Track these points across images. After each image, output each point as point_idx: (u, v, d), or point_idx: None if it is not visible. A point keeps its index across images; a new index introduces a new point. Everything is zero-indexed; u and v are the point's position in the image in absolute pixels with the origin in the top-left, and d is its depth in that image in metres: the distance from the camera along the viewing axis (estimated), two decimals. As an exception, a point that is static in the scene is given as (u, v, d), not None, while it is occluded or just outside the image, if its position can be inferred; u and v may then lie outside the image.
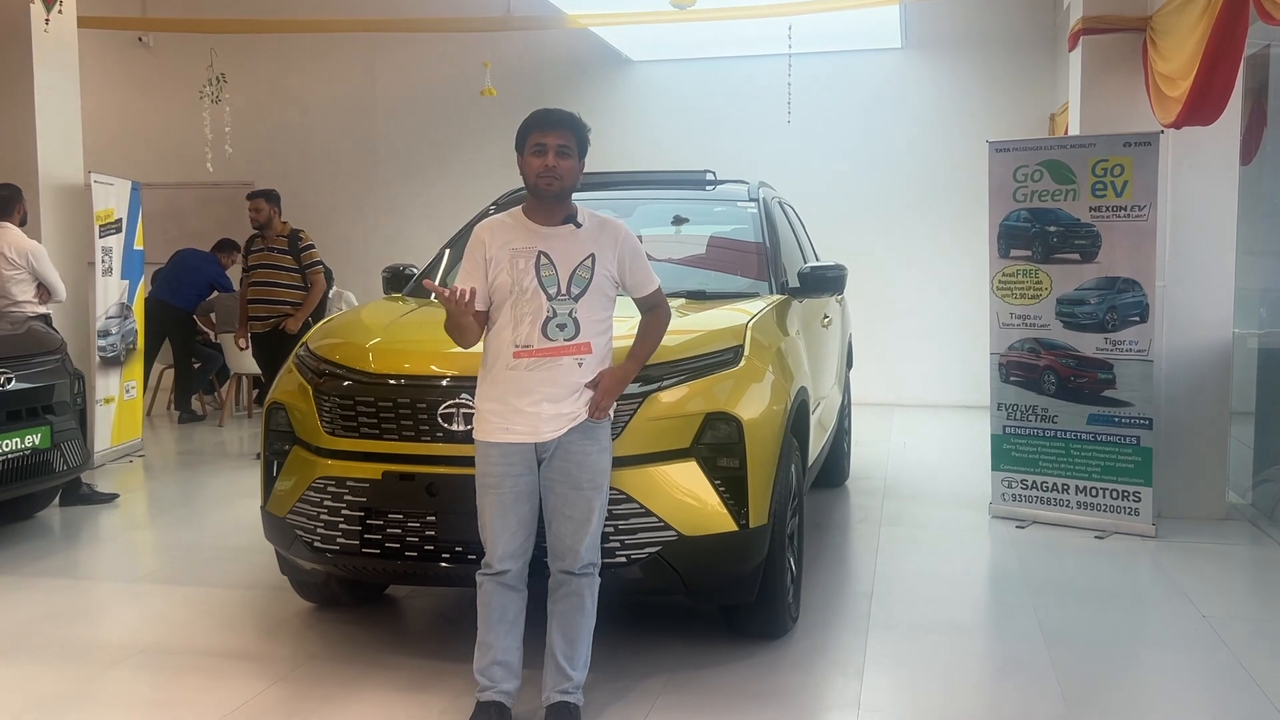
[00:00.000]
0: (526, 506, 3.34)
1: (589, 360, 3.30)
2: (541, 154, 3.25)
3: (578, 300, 3.27)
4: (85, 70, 11.64)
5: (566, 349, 3.26)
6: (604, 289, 3.33)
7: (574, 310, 3.27)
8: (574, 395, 3.29)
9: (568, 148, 3.27)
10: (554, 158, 3.25)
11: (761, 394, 3.90)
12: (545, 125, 3.29)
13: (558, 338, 3.25)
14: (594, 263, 3.30)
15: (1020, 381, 5.99)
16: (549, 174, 3.26)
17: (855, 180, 10.47)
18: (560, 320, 3.26)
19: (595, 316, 3.31)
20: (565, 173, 3.27)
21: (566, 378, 3.27)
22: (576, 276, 3.29)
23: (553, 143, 3.25)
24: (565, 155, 3.27)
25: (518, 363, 3.25)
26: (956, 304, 10.26)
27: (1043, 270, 5.87)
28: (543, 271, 3.27)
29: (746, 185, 5.62)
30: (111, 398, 7.84)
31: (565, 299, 3.27)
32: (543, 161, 3.24)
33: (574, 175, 3.32)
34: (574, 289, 3.28)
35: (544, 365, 3.25)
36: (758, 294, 4.75)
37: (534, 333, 3.25)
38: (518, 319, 3.26)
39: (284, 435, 4.05)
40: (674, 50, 10.67)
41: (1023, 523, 5.94)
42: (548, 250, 3.29)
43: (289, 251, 7.57)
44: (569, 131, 3.29)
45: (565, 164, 3.27)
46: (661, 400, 3.66)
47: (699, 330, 4.01)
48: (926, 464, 7.73)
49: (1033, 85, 10.16)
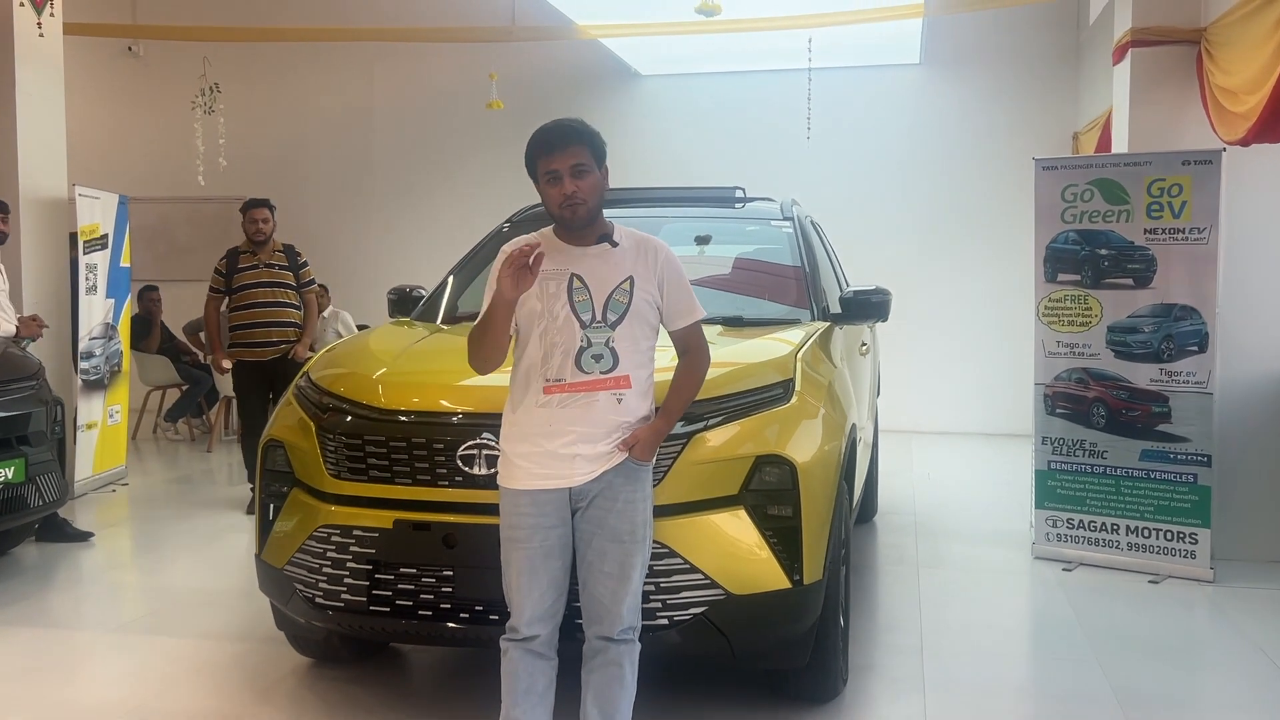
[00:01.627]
0: (559, 563, 2.94)
1: (629, 395, 2.91)
2: (556, 181, 2.86)
3: (615, 328, 2.89)
4: (74, 80, 11.28)
5: (603, 383, 2.87)
6: (645, 315, 2.94)
7: (611, 339, 2.88)
8: (612, 435, 2.90)
9: (583, 165, 2.87)
10: (571, 182, 2.86)
11: (815, 433, 3.51)
12: (551, 147, 2.88)
13: (593, 370, 2.87)
14: (632, 286, 2.92)
15: (1067, 414, 5.62)
16: (571, 202, 2.87)
17: (875, 199, 10.12)
18: (596, 350, 2.87)
19: (636, 346, 2.92)
20: (588, 193, 2.88)
21: (604, 416, 2.88)
22: (613, 301, 2.90)
23: (565, 166, 2.86)
24: (583, 174, 2.87)
25: (548, 399, 2.87)
26: (979, 327, 9.92)
27: (1093, 296, 5.50)
28: (575, 296, 2.88)
29: (778, 203, 5.26)
30: (94, 423, 7.41)
31: (601, 326, 2.88)
32: (560, 190, 2.86)
33: (598, 191, 2.92)
34: (610, 315, 2.89)
35: (578, 401, 2.86)
36: (798, 321, 4.36)
37: (566, 365, 2.86)
38: (548, 350, 2.88)
39: (282, 476, 3.64)
40: (684, 64, 10.33)
41: (1069, 565, 5.55)
42: (581, 272, 2.91)
43: (288, 268, 6.92)
44: (579, 146, 2.89)
45: (586, 184, 2.88)
46: (707, 442, 3.27)
47: (743, 362, 3.62)
48: (955, 497, 7.35)
49: (1055, 103, 9.85)
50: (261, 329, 6.79)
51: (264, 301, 6.80)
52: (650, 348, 2.99)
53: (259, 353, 6.76)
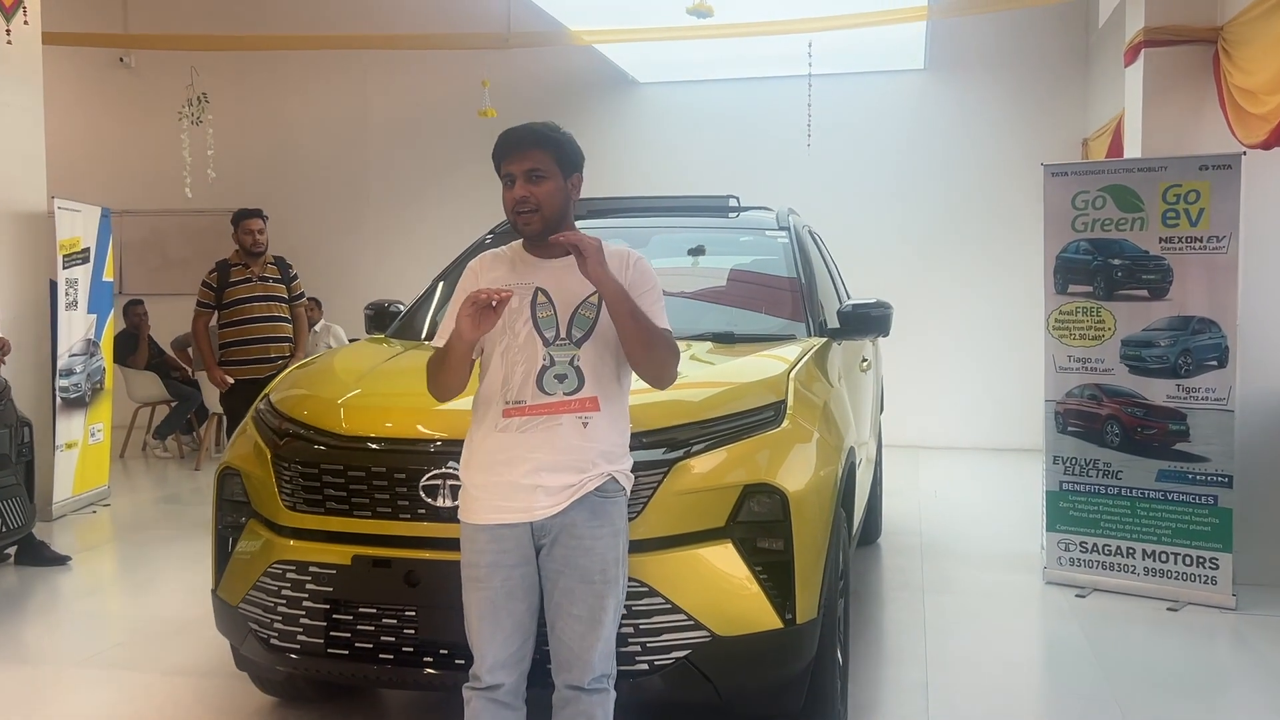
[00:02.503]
0: (523, 605, 2.69)
1: (596, 420, 2.65)
2: (510, 186, 2.68)
3: (580, 345, 2.66)
4: (65, 92, 11.17)
5: (567, 404, 2.63)
6: (611, 331, 2.69)
7: (576, 358, 2.65)
8: (578, 463, 2.65)
9: (540, 170, 2.66)
10: (524, 186, 2.65)
11: (808, 460, 3.26)
12: (508, 150, 2.69)
13: (556, 391, 2.63)
14: (600, 300, 2.67)
15: (1079, 432, 5.35)
16: (520, 209, 2.66)
17: (878, 208, 9.87)
18: (559, 370, 2.64)
19: (604, 365, 2.68)
20: (543, 199, 2.66)
21: (567, 441, 2.63)
22: (579, 316, 2.67)
23: (519, 169, 2.66)
24: (539, 179, 2.66)
25: (508, 422, 2.64)
26: (986, 339, 9.66)
27: (1105, 308, 5.25)
28: (539, 312, 2.67)
29: (774, 212, 5.01)
30: (74, 442, 7.19)
31: (565, 344, 2.66)
32: (511, 196, 2.67)
33: (558, 200, 2.69)
34: (576, 331, 2.66)
35: (539, 425, 2.62)
36: (793, 336, 4.11)
37: (527, 385, 2.64)
38: (509, 370, 2.66)
39: (239, 506, 3.41)
40: (682, 71, 10.10)
41: (1082, 591, 5.29)
42: (545, 286, 2.69)
43: (282, 280, 6.63)
44: (538, 149, 2.68)
45: (541, 190, 2.66)
46: (691, 469, 3.02)
47: (732, 383, 3.38)
48: (963, 516, 7.08)
49: (1063, 109, 9.59)
50: (258, 345, 6.51)
51: (259, 316, 6.53)
52: (620, 370, 2.74)
53: (254, 370, 6.43)
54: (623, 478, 2.73)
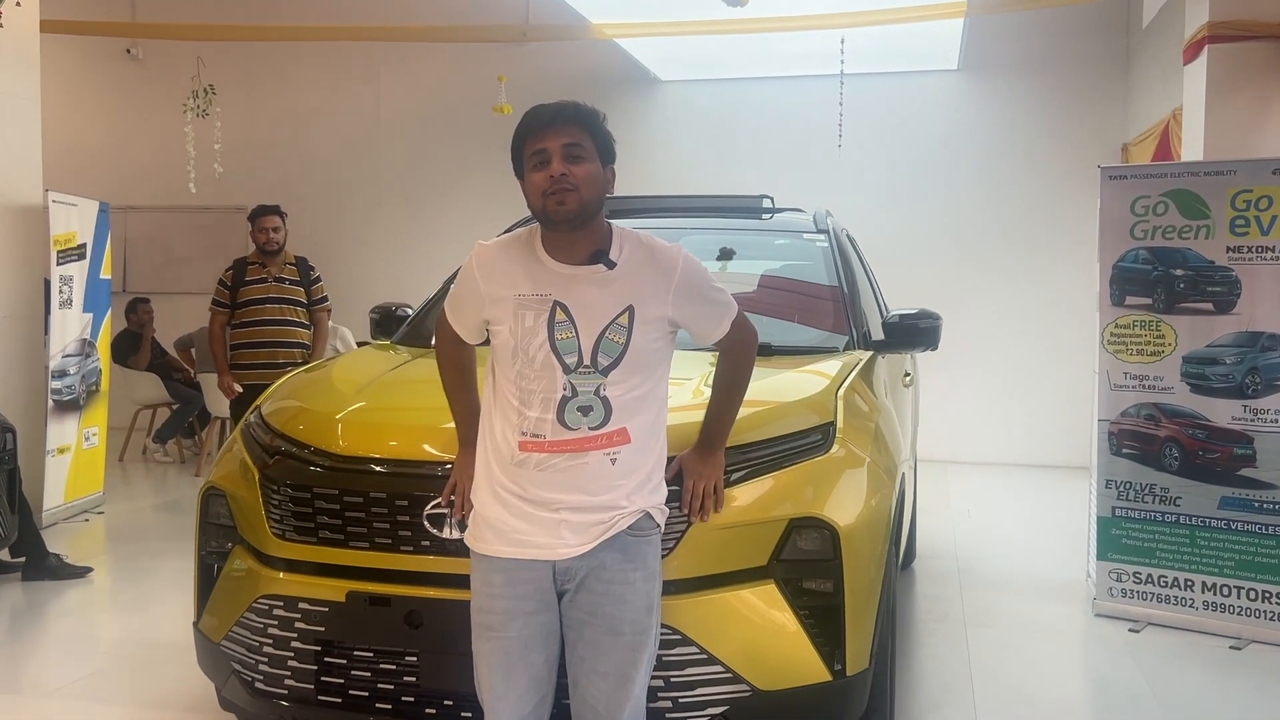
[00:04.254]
0: (540, 656, 2.35)
1: (626, 452, 2.31)
2: (543, 164, 2.26)
3: (607, 373, 2.29)
4: (72, 84, 10.89)
5: (593, 440, 2.28)
6: (648, 356, 2.33)
7: (602, 387, 2.28)
8: (607, 499, 2.30)
9: (579, 146, 2.27)
10: (561, 163, 2.24)
11: (860, 489, 2.90)
12: (540, 124, 2.28)
13: (580, 426, 2.28)
14: (632, 319, 2.30)
15: (1135, 455, 4.98)
16: (559, 187, 2.23)
17: (909, 212, 9.50)
18: (583, 401, 2.28)
19: (634, 391, 2.32)
20: (582, 180, 2.25)
21: (594, 480, 2.29)
22: (606, 341, 2.29)
23: (555, 144, 2.25)
24: (578, 158, 2.26)
25: (524, 458, 2.30)
26: (1022, 350, 9.28)
27: (1166, 322, 4.88)
28: (557, 333, 2.28)
29: (812, 213, 4.66)
30: (67, 447, 6.87)
31: (589, 373, 2.28)
32: (546, 173, 2.25)
33: (597, 185, 2.29)
34: (602, 359, 2.29)
35: (560, 463, 2.28)
36: (836, 349, 3.77)
37: (546, 418, 2.28)
38: (524, 397, 2.30)
39: (224, 531, 3.07)
40: (705, 69, 9.76)
41: (1136, 625, 4.91)
42: (566, 301, 2.30)
43: (301, 283, 6.29)
44: (577, 126, 2.28)
45: (581, 170, 2.25)
46: (730, 501, 2.67)
47: (773, 402, 3.02)
48: (1001, 539, 6.70)
49: (1102, 112, 9.22)
50: (266, 349, 6.17)
51: (270, 319, 6.18)
52: (654, 389, 2.37)
53: (261, 375, 6.05)
54: (657, 512, 2.39)
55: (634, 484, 2.32)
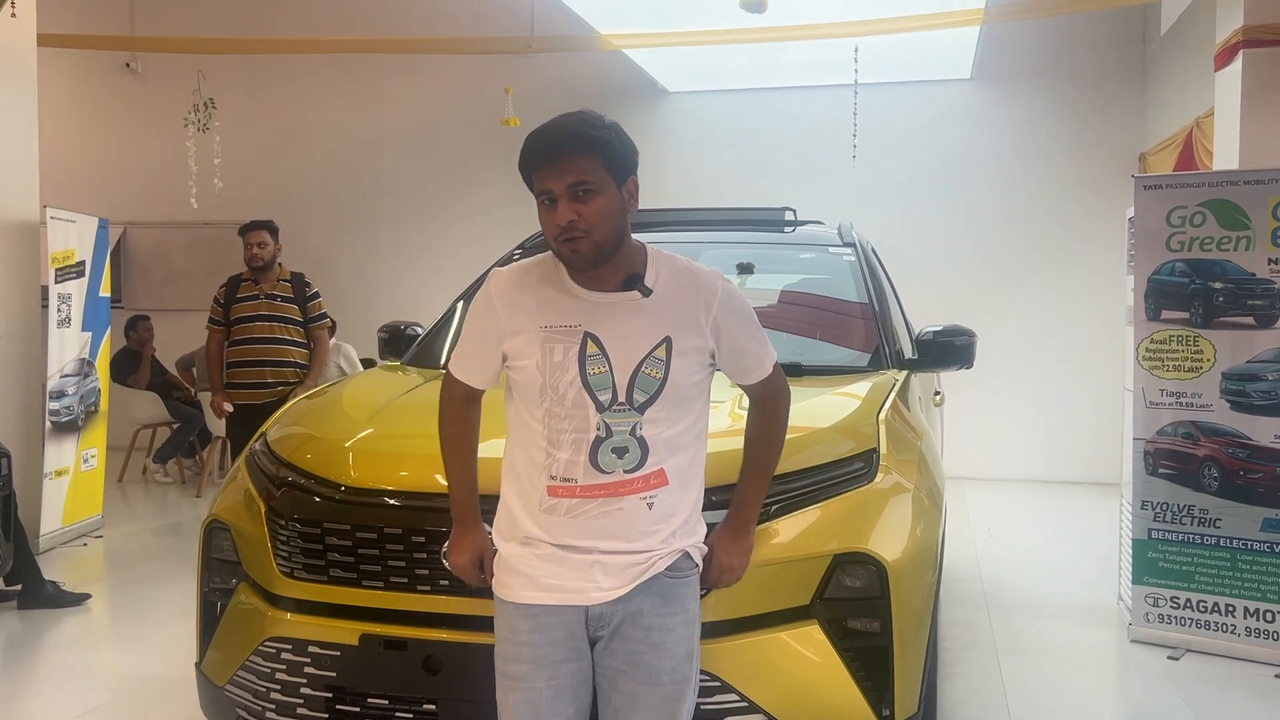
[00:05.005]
0: (572, 708, 2.16)
1: (663, 495, 2.12)
2: (551, 207, 2.06)
3: (644, 410, 2.09)
4: (70, 99, 10.75)
5: (628, 485, 2.09)
6: (687, 389, 2.13)
7: (639, 426, 2.09)
8: (645, 541, 2.12)
9: (587, 183, 2.04)
10: (568, 207, 2.03)
11: (906, 520, 2.73)
12: (540, 158, 2.07)
13: (615, 469, 2.09)
14: (670, 350, 2.11)
15: (1172, 475, 4.80)
16: (569, 236, 2.04)
17: (923, 225, 9.32)
18: (618, 442, 2.08)
19: (672, 429, 2.13)
20: (595, 221, 2.04)
21: (629, 527, 2.10)
22: (643, 376, 2.09)
23: (560, 185, 2.04)
24: (587, 194, 2.04)
25: (554, 503, 2.10)
26: (1042, 363, 9.10)
27: (1204, 337, 4.70)
28: (590, 367, 2.08)
29: (837, 226, 4.50)
30: (65, 469, 6.69)
31: (624, 410, 2.08)
32: (554, 220, 2.05)
33: (614, 218, 2.07)
34: (638, 395, 2.09)
35: (593, 509, 2.09)
36: (867, 368, 3.60)
37: (578, 461, 2.09)
38: (554, 436, 2.10)
39: (228, 567, 2.90)
40: (715, 79, 9.60)
41: (1175, 652, 4.72)
42: (597, 332, 2.10)
43: (294, 300, 6.08)
44: (581, 156, 2.05)
45: (591, 209, 2.04)
46: (770, 536, 2.50)
47: (811, 427, 2.85)
48: (1026, 559, 6.51)
49: (1119, 121, 9.06)
50: (254, 368, 5.98)
51: (260, 337, 5.98)
52: (694, 424, 2.18)
53: (250, 395, 5.92)
54: (696, 552, 2.21)
55: (672, 528, 2.14)
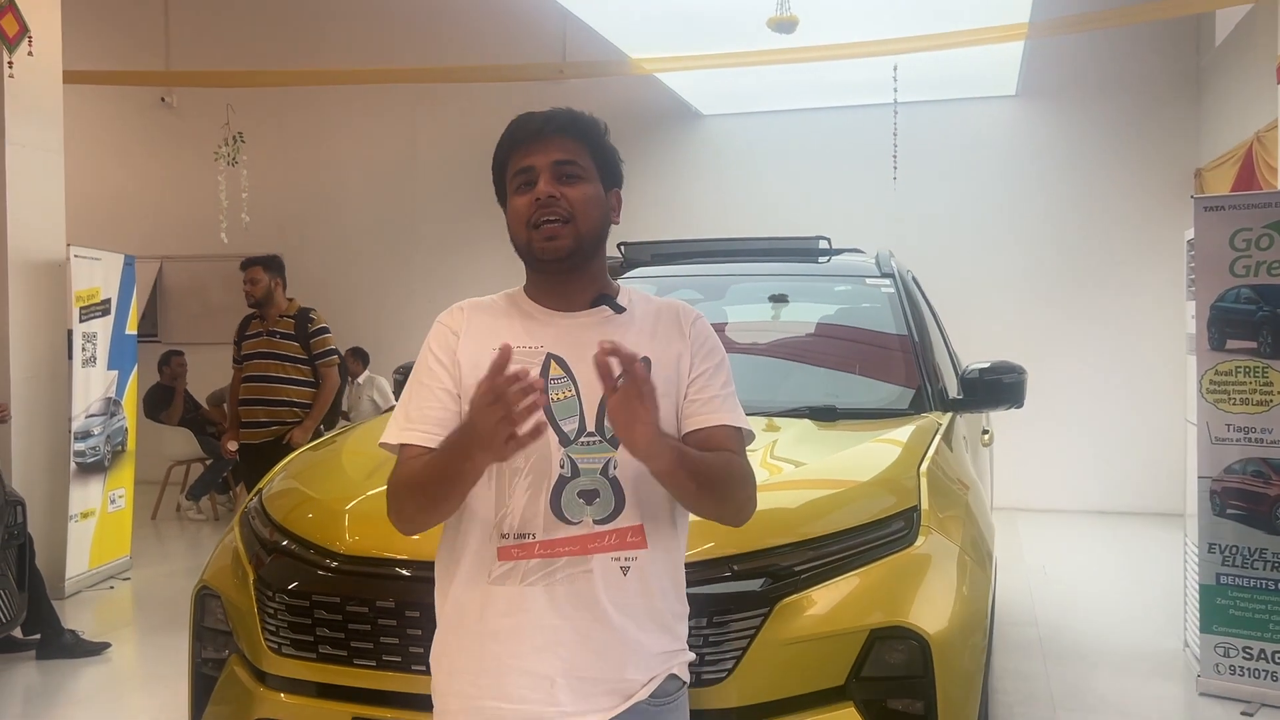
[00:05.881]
0: None
1: (644, 561, 1.74)
2: (529, 185, 1.77)
3: (617, 444, 1.69)
4: (105, 134, 10.78)
5: (599, 539, 1.71)
6: (665, 421, 1.72)
7: (611, 464, 1.72)
8: (623, 653, 1.72)
9: (574, 164, 1.78)
10: (550, 183, 1.75)
11: (951, 586, 2.47)
12: (525, 135, 1.79)
13: (581, 517, 1.71)
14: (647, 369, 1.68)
15: (1242, 516, 4.47)
16: (548, 215, 1.74)
17: (968, 249, 9.02)
18: (585, 483, 1.71)
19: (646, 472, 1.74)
20: (578, 205, 1.76)
21: (603, 600, 1.70)
22: None
23: (543, 161, 1.76)
24: (572, 178, 1.77)
25: (506, 569, 1.71)
26: (1094, 389, 8.75)
27: (1274, 368, 4.38)
28: (553, 392, 1.73)
29: (875, 255, 4.25)
30: (91, 511, 6.58)
31: (594, 443, 1.72)
32: (531, 196, 1.76)
33: (597, 213, 1.79)
34: (609, 424, 1.67)
35: (557, 575, 1.70)
36: (909, 410, 3.34)
37: (536, 509, 1.71)
38: (504, 482, 1.72)
39: (219, 638, 2.70)
40: (749, 101, 9.38)
41: (1249, 707, 4.38)
42: (562, 354, 1.76)
43: (295, 337, 5.89)
44: (572, 138, 1.79)
45: (576, 192, 1.76)
46: (800, 609, 2.25)
47: (845, 481, 2.61)
48: (1083, 600, 6.17)
49: (1172, 136, 8.72)
50: (252, 406, 5.84)
51: (259, 375, 5.85)
52: None
53: (249, 434, 5.82)
54: (684, 669, 1.83)
55: (650, 612, 1.75)
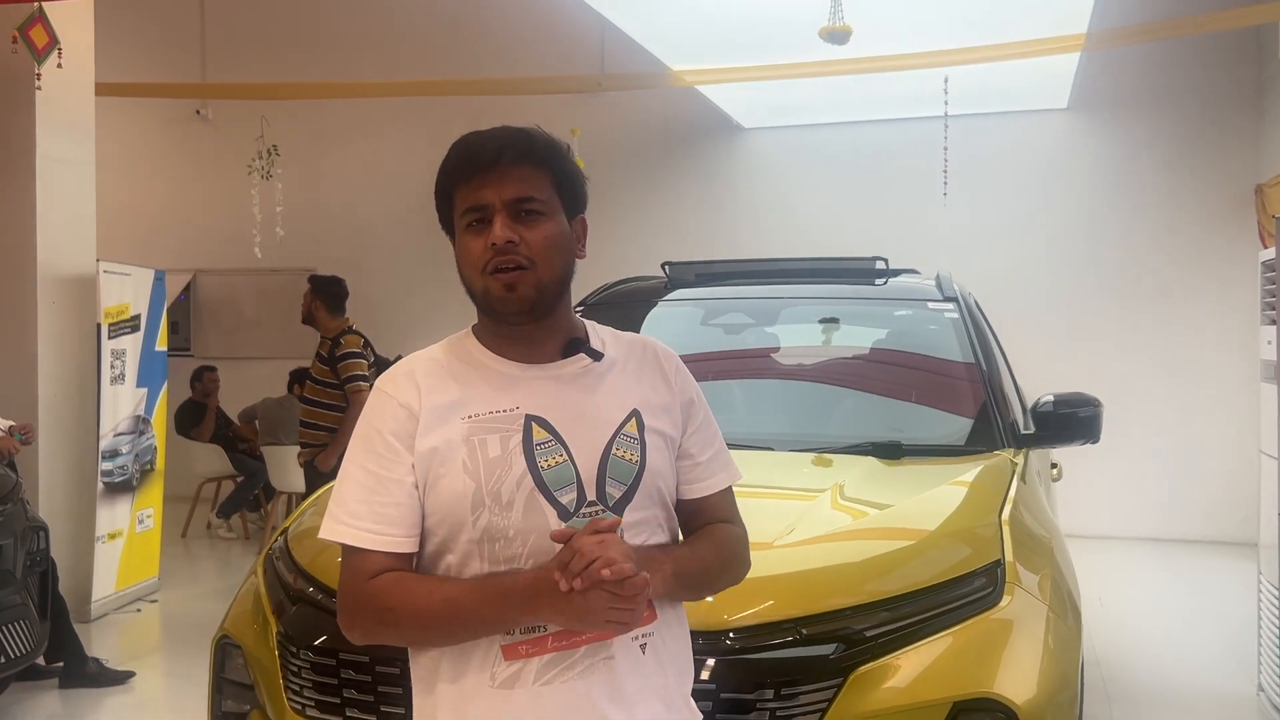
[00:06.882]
0: None
1: (662, 633, 1.56)
2: (480, 226, 1.53)
3: (622, 509, 1.52)
4: (141, 147, 10.73)
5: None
6: (665, 476, 1.58)
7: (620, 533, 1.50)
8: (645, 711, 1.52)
9: (534, 200, 1.52)
10: (507, 225, 1.50)
11: (1039, 649, 2.23)
12: (473, 164, 1.52)
13: None
14: (641, 426, 1.56)
15: (1328, 555, 4.20)
16: (505, 264, 1.51)
17: (1020, 266, 8.67)
18: None
19: (658, 536, 1.57)
20: (540, 250, 1.52)
21: (621, 688, 1.50)
22: (615, 461, 1.53)
23: (498, 197, 1.51)
24: (532, 215, 1.52)
25: (514, 670, 1.48)
26: (1154, 411, 8.39)
27: (1364, 398, 4.11)
28: (542, 459, 1.50)
29: (935, 277, 4.01)
30: (118, 531, 6.44)
31: (597, 514, 1.50)
32: (485, 240, 1.52)
33: (561, 254, 1.55)
34: (611, 489, 1.52)
35: (576, 666, 1.48)
36: (980, 448, 3.10)
37: None
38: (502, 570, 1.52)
39: (241, 692, 2.51)
40: (793, 114, 9.13)
41: (1336, 759, 4.10)
42: (544, 414, 1.53)
43: (327, 360, 5.68)
44: (527, 165, 1.53)
45: (537, 234, 1.51)
46: (877, 679, 2.02)
47: (918, 530, 2.37)
48: (1147, 636, 5.86)
49: (1231, 151, 8.38)
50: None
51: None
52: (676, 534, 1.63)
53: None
54: None
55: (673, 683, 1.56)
